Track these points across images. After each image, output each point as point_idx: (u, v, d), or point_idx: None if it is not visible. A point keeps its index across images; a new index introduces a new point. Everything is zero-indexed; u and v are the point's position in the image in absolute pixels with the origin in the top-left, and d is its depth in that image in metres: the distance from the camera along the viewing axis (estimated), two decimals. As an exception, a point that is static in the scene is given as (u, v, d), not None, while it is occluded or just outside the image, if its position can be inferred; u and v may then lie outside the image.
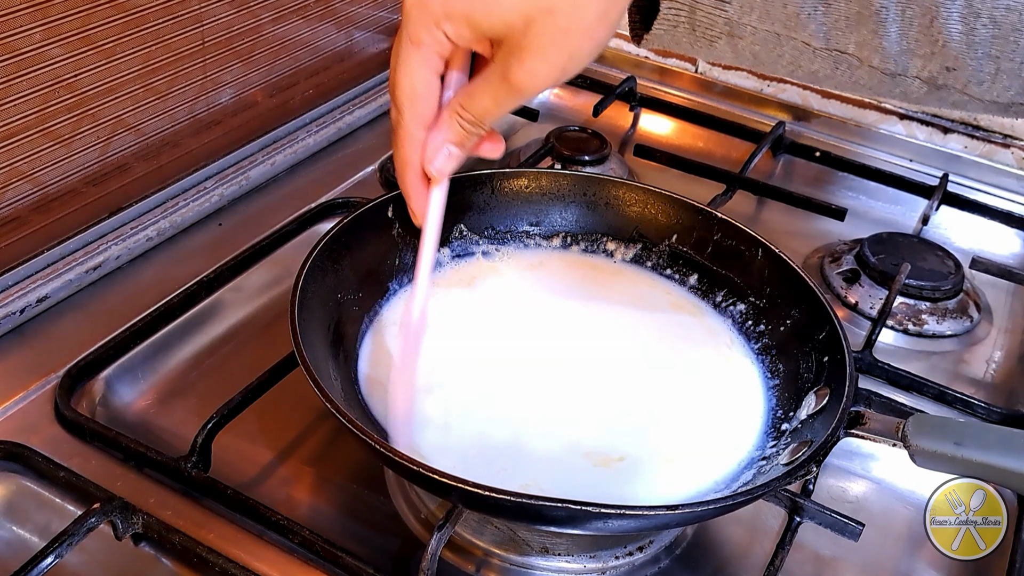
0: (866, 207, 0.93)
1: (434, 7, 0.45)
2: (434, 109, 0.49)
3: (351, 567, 0.51)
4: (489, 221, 0.69)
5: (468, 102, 0.48)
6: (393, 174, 0.83)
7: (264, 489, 0.58)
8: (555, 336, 0.63)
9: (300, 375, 0.50)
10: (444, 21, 0.45)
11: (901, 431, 0.49)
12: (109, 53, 0.69)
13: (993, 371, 0.75)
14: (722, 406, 0.59)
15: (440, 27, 0.45)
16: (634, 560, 0.55)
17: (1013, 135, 0.96)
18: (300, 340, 0.51)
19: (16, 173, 0.65)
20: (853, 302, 0.78)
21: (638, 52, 1.11)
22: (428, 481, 0.46)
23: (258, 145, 0.85)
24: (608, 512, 0.45)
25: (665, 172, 0.91)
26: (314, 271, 0.57)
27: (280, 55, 0.85)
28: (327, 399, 0.48)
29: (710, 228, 0.66)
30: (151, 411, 0.63)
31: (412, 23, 0.46)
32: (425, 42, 0.46)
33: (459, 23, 0.45)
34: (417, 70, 0.47)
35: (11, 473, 0.55)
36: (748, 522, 0.59)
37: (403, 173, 0.51)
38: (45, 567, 0.48)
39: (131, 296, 0.68)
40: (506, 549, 0.55)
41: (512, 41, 0.44)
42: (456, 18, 0.45)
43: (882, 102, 1.01)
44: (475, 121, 0.48)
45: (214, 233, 0.77)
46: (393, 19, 0.99)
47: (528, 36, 0.44)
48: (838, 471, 0.64)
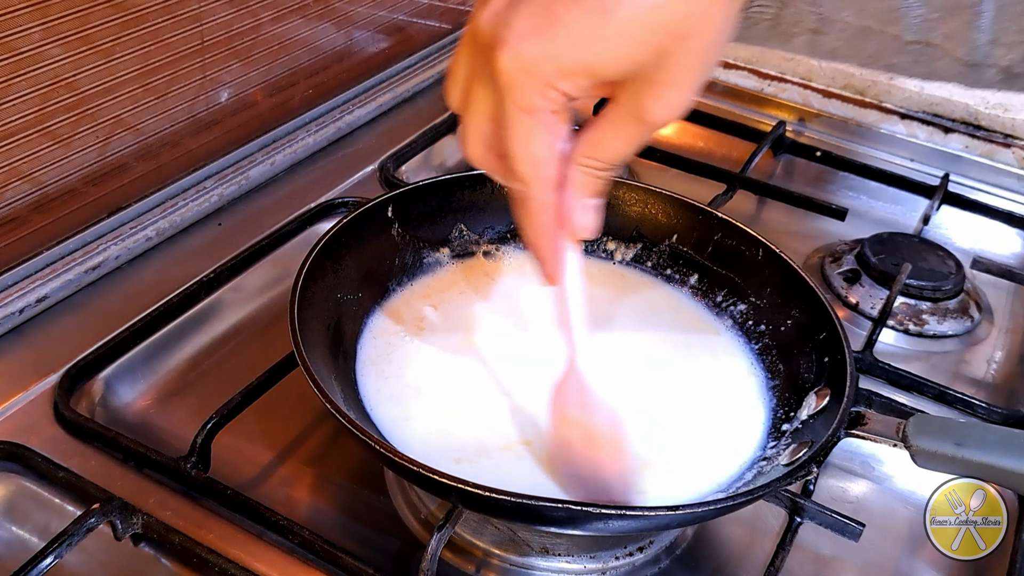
0: (867, 207, 0.93)
1: (543, 69, 0.39)
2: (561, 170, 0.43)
3: (351, 567, 0.51)
4: (489, 221, 0.69)
5: (597, 151, 0.43)
6: (394, 174, 0.84)
7: (264, 489, 0.58)
8: (556, 337, 0.63)
9: (300, 375, 0.50)
10: (558, 80, 0.39)
11: (901, 431, 0.49)
12: (108, 53, 0.69)
13: (994, 371, 0.74)
14: (722, 407, 0.59)
15: (554, 87, 0.39)
16: (634, 560, 0.55)
17: (1014, 135, 0.96)
18: (300, 340, 0.51)
19: (16, 173, 0.65)
20: (854, 302, 0.78)
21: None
22: (428, 481, 0.46)
23: (257, 145, 0.85)
24: (608, 513, 0.45)
25: (665, 172, 0.91)
26: (314, 271, 0.57)
27: (279, 55, 0.85)
28: (326, 399, 0.48)
29: (711, 228, 0.66)
30: (151, 411, 0.63)
31: (519, 91, 0.40)
32: (539, 107, 0.40)
33: (576, 77, 0.39)
34: (536, 138, 0.41)
35: (11, 473, 0.55)
36: (748, 522, 0.59)
37: (539, 242, 0.46)
38: (45, 567, 0.48)
39: (131, 296, 0.68)
40: (506, 549, 0.55)
41: (642, 78, 0.39)
42: (573, 73, 0.39)
43: (882, 102, 1.01)
44: (607, 167, 0.43)
45: (214, 233, 0.77)
46: (393, 19, 0.98)
47: (662, 69, 0.39)
48: (838, 471, 0.64)
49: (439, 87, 1.03)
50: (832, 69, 1.03)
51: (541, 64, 0.39)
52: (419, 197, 0.66)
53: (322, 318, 0.57)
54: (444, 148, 0.93)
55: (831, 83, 1.03)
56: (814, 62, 1.03)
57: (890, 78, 1.00)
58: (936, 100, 0.99)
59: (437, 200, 0.67)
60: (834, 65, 1.02)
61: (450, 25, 1.09)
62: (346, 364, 0.58)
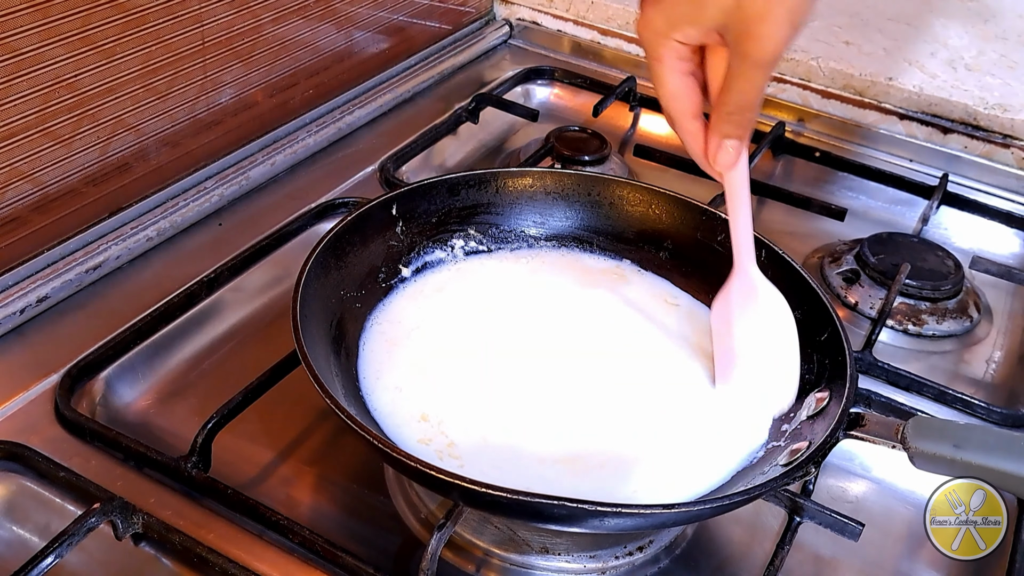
0: (866, 207, 0.93)
1: (658, 23, 0.50)
2: (696, 103, 0.52)
3: (351, 567, 0.51)
4: (493, 220, 0.69)
5: (725, 96, 0.51)
6: (394, 175, 0.84)
7: (264, 489, 0.58)
8: (557, 336, 0.63)
9: (301, 375, 0.50)
10: (670, 31, 0.50)
11: (900, 433, 0.49)
12: (109, 53, 0.69)
13: (993, 371, 0.75)
14: (723, 407, 0.59)
15: (670, 37, 0.50)
16: (634, 560, 0.56)
17: (1013, 135, 0.96)
18: (301, 335, 0.51)
19: (16, 173, 0.65)
20: (853, 302, 0.78)
21: (638, 52, 1.11)
22: (429, 478, 0.46)
23: (258, 145, 0.85)
24: (606, 511, 0.45)
25: (665, 172, 0.91)
26: (317, 267, 0.57)
27: (280, 55, 0.85)
28: (326, 394, 0.48)
29: (713, 228, 0.66)
30: (151, 411, 0.63)
31: (648, 45, 0.51)
32: (664, 55, 0.51)
33: (683, 26, 0.49)
34: (668, 79, 0.52)
35: (11, 473, 0.55)
36: (748, 522, 0.59)
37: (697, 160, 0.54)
38: (45, 567, 0.48)
39: (131, 296, 0.68)
40: (506, 549, 0.55)
41: (734, 21, 0.47)
42: (678, 23, 0.49)
43: (882, 102, 1.01)
44: (737, 108, 0.51)
45: (214, 233, 0.77)
46: (393, 19, 0.99)
47: (744, 8, 0.47)
48: (838, 471, 0.64)
49: (439, 87, 1.03)
50: (831, 69, 1.03)
51: (657, 22, 0.50)
52: (422, 196, 0.66)
53: (324, 315, 0.57)
54: (444, 148, 0.93)
55: (830, 83, 1.03)
56: (813, 62, 1.03)
57: (889, 79, 1.00)
58: (935, 100, 0.99)
59: (440, 199, 0.67)
60: (833, 65, 1.02)
61: (450, 26, 1.09)
62: (348, 361, 0.58)
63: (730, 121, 0.51)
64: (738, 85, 0.50)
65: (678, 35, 0.50)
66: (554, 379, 0.59)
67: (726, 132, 0.52)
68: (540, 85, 1.07)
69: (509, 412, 0.56)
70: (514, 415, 0.56)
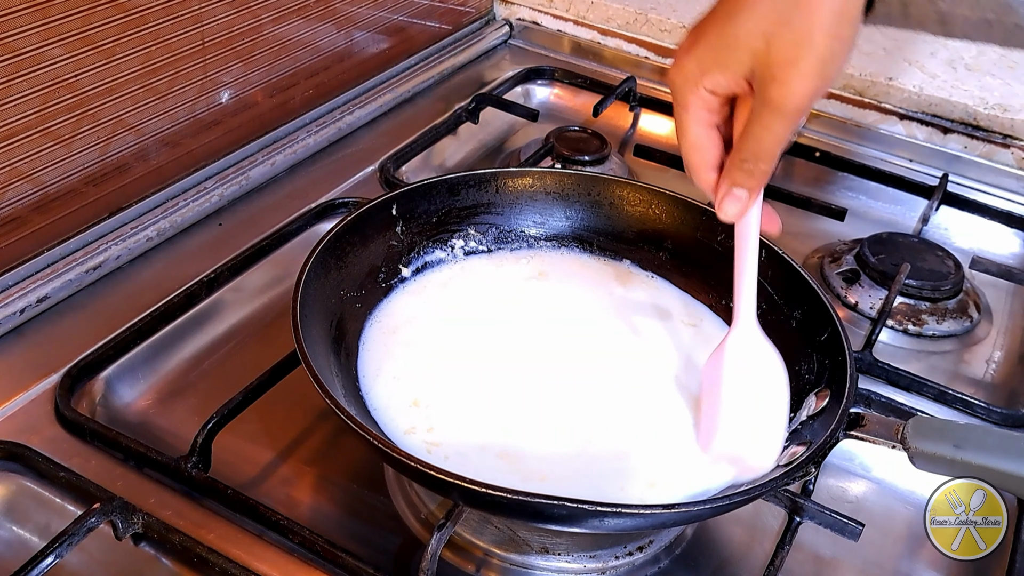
0: (866, 207, 0.93)
1: (690, 69, 0.48)
2: (717, 156, 0.51)
3: (351, 567, 0.51)
4: (493, 220, 0.69)
5: (741, 142, 0.49)
6: (394, 175, 0.84)
7: (264, 489, 0.58)
8: (556, 336, 0.63)
9: (301, 375, 0.50)
10: (701, 77, 0.48)
11: (900, 433, 0.49)
12: (109, 53, 0.69)
13: (993, 371, 0.75)
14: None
15: (700, 84, 0.48)
16: (634, 560, 0.56)
17: (1013, 135, 0.96)
18: (301, 335, 0.51)
19: (16, 173, 0.65)
20: (853, 302, 0.78)
21: (638, 52, 1.11)
22: (429, 478, 0.46)
23: (258, 145, 0.85)
24: (606, 511, 0.45)
25: (665, 172, 0.91)
26: (317, 267, 0.57)
27: (280, 55, 0.85)
28: (326, 394, 0.48)
29: (713, 229, 0.66)
30: (151, 411, 0.63)
31: (677, 91, 0.50)
32: (692, 103, 0.49)
33: (712, 72, 0.48)
34: (692, 128, 0.50)
35: (11, 473, 0.55)
36: (748, 522, 0.59)
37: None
38: (45, 567, 0.48)
39: (131, 296, 0.68)
40: (506, 549, 0.55)
41: (762, 67, 0.46)
42: (709, 68, 0.48)
43: (882, 102, 1.01)
44: (752, 156, 0.49)
45: (214, 233, 0.77)
46: (393, 19, 0.99)
47: (772, 53, 0.45)
48: (838, 471, 0.64)
49: (439, 87, 1.03)
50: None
51: (689, 67, 0.49)
52: (422, 196, 0.66)
53: (324, 314, 0.57)
54: (444, 148, 0.94)
55: (830, 84, 1.03)
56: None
57: (889, 79, 1.00)
58: (935, 100, 0.99)
59: (440, 199, 0.67)
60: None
61: (450, 26, 1.09)
62: (348, 361, 0.58)
63: (742, 168, 0.49)
64: (755, 132, 0.48)
65: (708, 82, 0.48)
66: (554, 379, 0.59)
67: (736, 180, 0.50)
68: (540, 85, 1.07)
69: (509, 412, 0.56)
70: (513, 415, 0.56)
